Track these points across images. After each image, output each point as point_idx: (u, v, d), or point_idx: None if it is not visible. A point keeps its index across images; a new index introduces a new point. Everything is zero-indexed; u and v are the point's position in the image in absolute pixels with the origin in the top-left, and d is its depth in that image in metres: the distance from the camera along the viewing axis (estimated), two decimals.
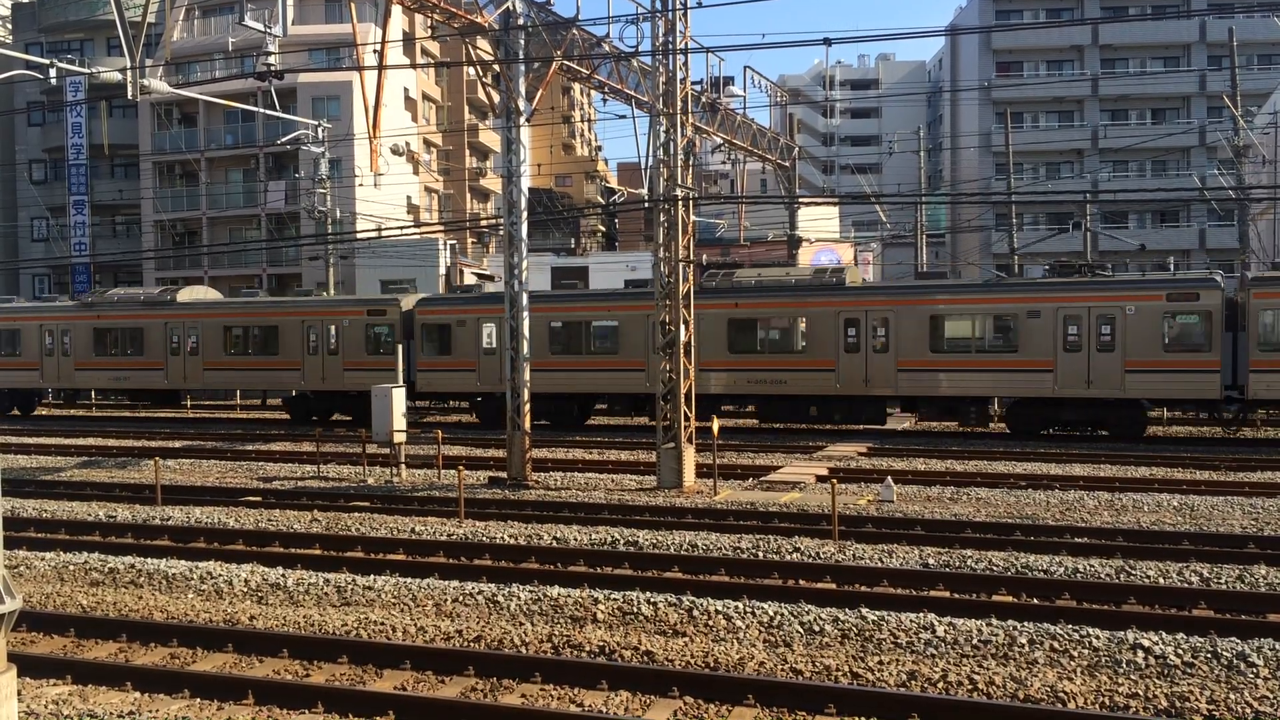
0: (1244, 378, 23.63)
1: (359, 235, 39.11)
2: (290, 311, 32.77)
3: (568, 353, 29.01)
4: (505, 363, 20.29)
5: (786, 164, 36.60)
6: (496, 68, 19.86)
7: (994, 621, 10.15)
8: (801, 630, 10.18)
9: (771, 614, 10.49)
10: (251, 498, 18.95)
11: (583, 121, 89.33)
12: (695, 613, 10.67)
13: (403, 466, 20.98)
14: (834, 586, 11.89)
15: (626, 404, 29.95)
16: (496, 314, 28.54)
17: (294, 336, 32.17)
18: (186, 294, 35.65)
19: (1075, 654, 9.36)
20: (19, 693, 8.12)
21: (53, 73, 21.12)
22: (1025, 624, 10.01)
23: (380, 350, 30.91)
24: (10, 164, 56.85)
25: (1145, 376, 24.15)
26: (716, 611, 10.63)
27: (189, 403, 39.75)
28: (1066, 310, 24.68)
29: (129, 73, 19.45)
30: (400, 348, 24.04)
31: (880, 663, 9.34)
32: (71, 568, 13.38)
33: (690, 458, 19.25)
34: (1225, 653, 9.13)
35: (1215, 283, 24.22)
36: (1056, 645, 9.52)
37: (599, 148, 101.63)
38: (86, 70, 21.96)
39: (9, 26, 58.66)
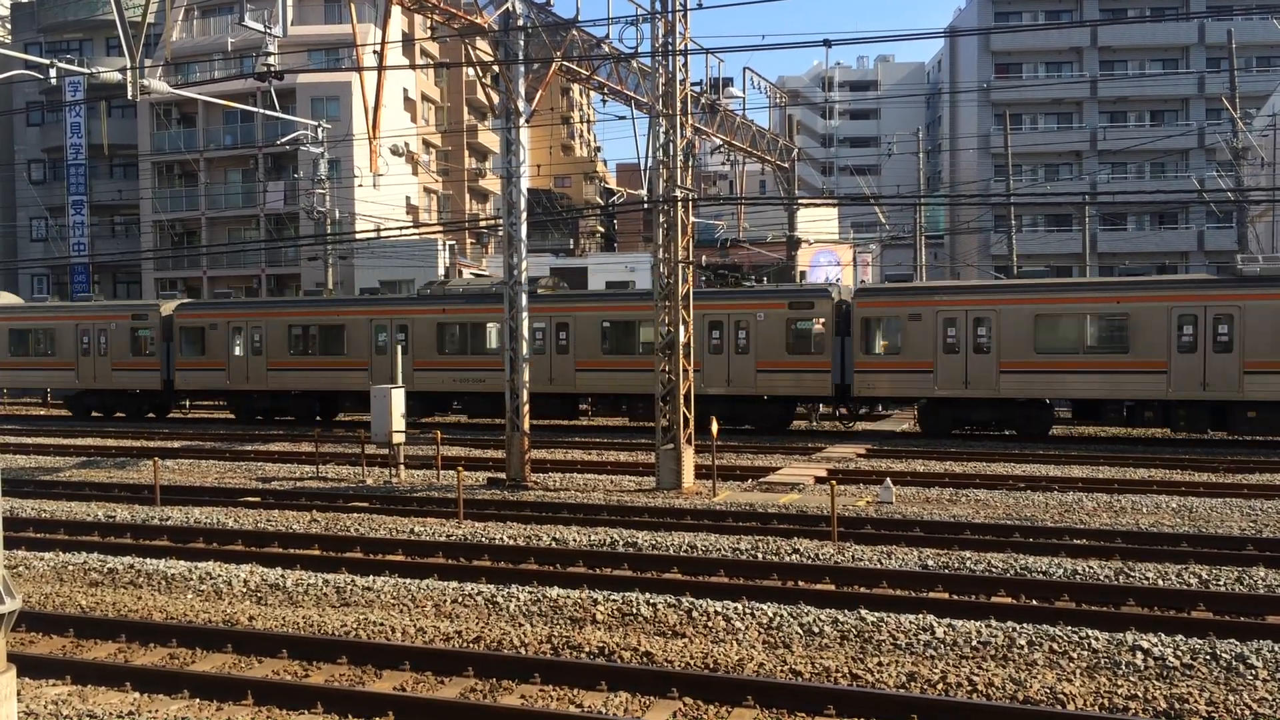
0: (850, 378, 26.55)
1: (358, 236, 39.19)
2: (65, 316, 35.61)
3: (307, 354, 31.52)
4: (506, 362, 20.27)
5: (785, 165, 36.59)
6: (496, 68, 19.86)
7: (993, 623, 10.16)
8: (800, 631, 10.19)
9: (771, 615, 10.49)
10: (250, 498, 18.95)
11: (582, 122, 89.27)
12: (694, 614, 10.67)
13: (401, 467, 20.97)
14: (833, 588, 11.90)
15: (356, 401, 31.81)
16: (243, 318, 32.58)
17: (68, 339, 34.85)
18: None
19: (1074, 655, 9.37)
20: (18, 693, 8.11)
21: (52, 73, 21.08)
22: (1024, 625, 10.02)
23: (143, 352, 33.79)
24: (9, 164, 56.83)
25: (773, 376, 27.14)
26: (716, 613, 10.64)
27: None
28: (711, 316, 27.29)
29: (128, 73, 19.44)
30: (164, 349, 26.11)
31: (879, 664, 9.35)
32: (70, 568, 13.37)
33: (689, 459, 19.25)
34: (1224, 654, 9.14)
35: (827, 293, 27.14)
36: (1055, 647, 9.53)
37: (598, 149, 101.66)
38: (86, 70, 21.93)
39: (8, 26, 58.62)
